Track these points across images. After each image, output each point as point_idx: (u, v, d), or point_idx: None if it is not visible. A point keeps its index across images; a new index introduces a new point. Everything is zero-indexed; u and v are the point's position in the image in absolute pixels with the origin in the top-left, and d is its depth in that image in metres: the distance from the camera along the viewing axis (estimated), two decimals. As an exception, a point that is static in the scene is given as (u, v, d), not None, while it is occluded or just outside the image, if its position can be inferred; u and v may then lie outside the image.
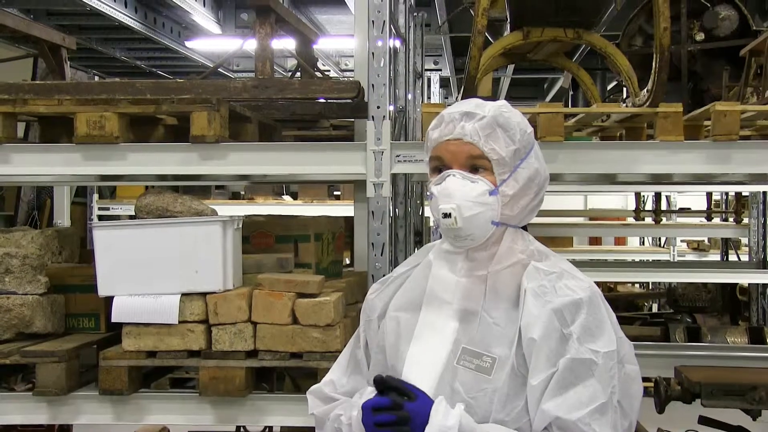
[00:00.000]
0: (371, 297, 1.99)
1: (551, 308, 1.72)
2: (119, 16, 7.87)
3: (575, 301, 1.72)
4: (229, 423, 2.95)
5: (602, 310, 1.75)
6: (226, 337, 2.77)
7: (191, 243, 2.81)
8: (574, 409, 1.66)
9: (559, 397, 1.67)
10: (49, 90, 3.07)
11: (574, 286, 1.75)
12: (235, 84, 3.07)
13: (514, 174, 1.80)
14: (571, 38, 3.20)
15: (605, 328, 1.73)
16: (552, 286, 1.75)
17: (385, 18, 2.94)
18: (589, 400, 1.67)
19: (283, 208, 8.24)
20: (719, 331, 6.44)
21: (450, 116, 1.83)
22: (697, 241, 10.03)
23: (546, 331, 1.70)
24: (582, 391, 1.67)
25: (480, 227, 1.78)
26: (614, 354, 1.71)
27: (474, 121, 1.79)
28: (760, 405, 3.10)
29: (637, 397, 1.77)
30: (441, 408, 1.69)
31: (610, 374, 1.69)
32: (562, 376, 1.68)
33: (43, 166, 3.05)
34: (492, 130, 1.78)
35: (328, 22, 9.48)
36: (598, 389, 1.68)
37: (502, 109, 1.82)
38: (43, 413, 2.88)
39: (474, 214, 1.77)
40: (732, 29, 4.20)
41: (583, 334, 1.70)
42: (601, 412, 1.67)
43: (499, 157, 1.78)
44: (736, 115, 2.89)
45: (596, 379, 1.68)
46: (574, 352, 1.69)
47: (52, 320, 3.00)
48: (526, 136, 1.82)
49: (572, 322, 1.71)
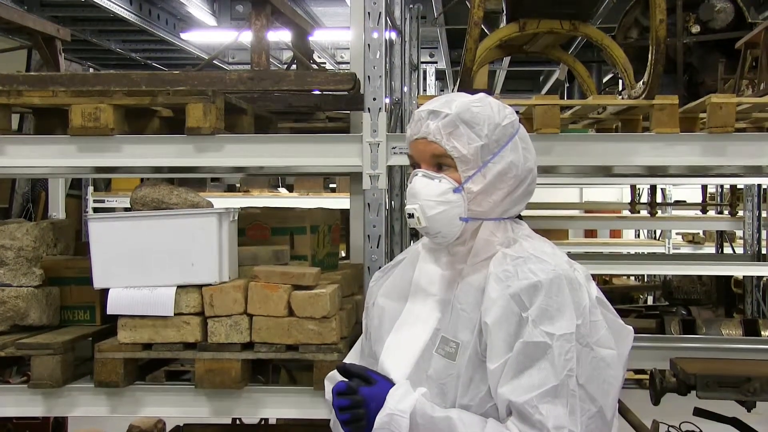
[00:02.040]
0: (372, 284, 2.03)
1: (509, 293, 1.73)
2: (114, 8, 7.85)
3: (533, 284, 1.72)
4: (225, 415, 2.95)
5: (564, 292, 1.73)
6: (222, 330, 2.77)
7: (187, 235, 2.80)
8: (524, 392, 1.66)
9: (512, 381, 1.68)
10: (43, 81, 3.06)
11: (536, 270, 1.75)
12: (230, 76, 3.07)
13: (483, 170, 1.79)
14: (567, 30, 3.19)
15: (564, 310, 1.72)
16: (515, 271, 1.75)
17: (381, 10, 2.94)
18: (540, 383, 1.67)
19: (279, 201, 8.24)
20: (714, 324, 6.44)
21: (418, 114, 1.83)
22: (692, 234, 10.06)
23: (502, 316, 1.71)
24: (534, 374, 1.67)
25: (446, 225, 1.79)
26: (571, 336, 1.69)
27: (438, 120, 1.79)
28: (754, 396, 3.11)
29: (612, 382, 1.75)
30: (398, 392, 1.72)
31: (567, 357, 1.68)
32: (516, 359, 1.69)
33: (38, 158, 3.03)
34: (454, 128, 1.78)
35: (323, 14, 9.46)
36: (550, 372, 1.67)
37: (471, 105, 1.80)
38: (39, 406, 2.87)
39: (437, 212, 1.78)
40: (727, 22, 4.19)
41: (539, 316, 1.70)
42: (552, 394, 1.66)
43: (461, 155, 1.77)
44: (731, 108, 2.89)
45: (548, 361, 1.68)
46: (528, 335, 1.69)
47: (47, 312, 3.00)
48: (498, 130, 1.80)
49: (530, 305, 1.71)
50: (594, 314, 1.76)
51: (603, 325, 1.77)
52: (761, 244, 7.74)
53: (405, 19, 4.99)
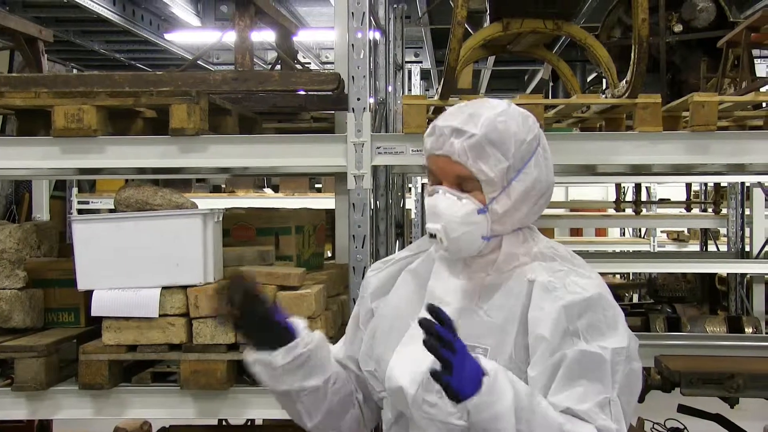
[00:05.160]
0: (369, 274, 1.98)
1: (561, 305, 1.69)
2: (97, 8, 7.80)
3: (585, 299, 1.70)
4: (211, 416, 2.95)
5: (613, 307, 1.73)
6: (207, 331, 2.76)
7: (171, 236, 2.79)
8: (582, 401, 1.64)
9: (566, 391, 1.66)
10: (26, 83, 3.04)
11: (582, 284, 1.73)
12: (214, 76, 3.06)
13: (507, 190, 1.74)
14: (551, 29, 3.20)
15: (617, 325, 1.71)
16: (562, 283, 1.72)
17: (365, 10, 2.94)
18: (595, 394, 1.65)
19: (265, 201, 8.22)
20: (699, 321, 6.48)
21: (441, 129, 1.75)
22: (677, 232, 10.10)
23: (554, 327, 1.69)
24: (588, 385, 1.65)
25: (469, 243, 1.75)
26: (623, 351, 1.69)
27: (463, 139, 1.72)
28: (738, 393, 3.14)
29: (636, 393, 1.76)
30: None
31: (614, 370, 1.67)
32: (571, 367, 1.66)
33: (21, 159, 3.02)
34: (481, 150, 1.71)
35: (308, 14, 9.45)
36: (603, 384, 1.66)
37: (496, 122, 1.73)
38: (22, 409, 2.86)
39: (460, 234, 1.73)
40: (709, 21, 4.22)
41: (589, 331, 1.68)
42: (605, 405, 1.65)
43: (488, 178, 1.72)
44: (713, 106, 2.91)
45: (603, 372, 1.66)
46: (582, 346, 1.67)
47: (30, 315, 2.98)
48: (523, 147, 1.75)
49: (579, 319, 1.69)
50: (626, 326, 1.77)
51: (634, 337, 1.77)
52: (744, 242, 7.79)
53: (389, 18, 5.00)
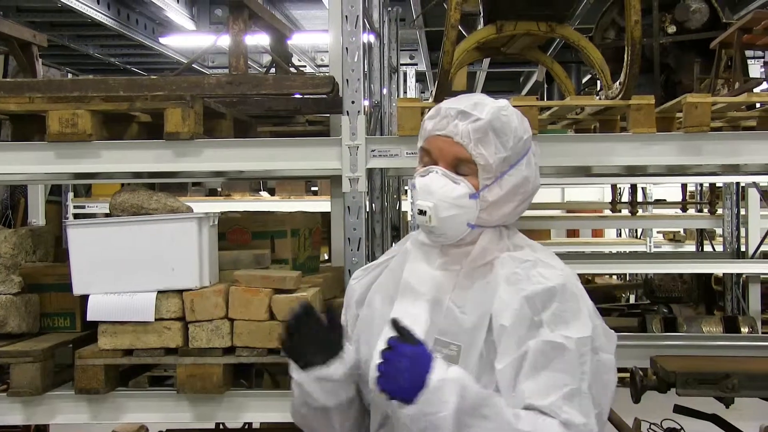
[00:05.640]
0: (353, 282, 2.01)
1: (523, 296, 1.72)
2: (91, 13, 7.80)
3: (548, 289, 1.73)
4: (207, 420, 2.95)
5: (576, 298, 1.75)
6: (203, 334, 2.76)
7: (166, 240, 2.80)
8: (545, 393, 1.66)
9: (530, 381, 1.67)
10: (20, 87, 3.05)
11: (547, 274, 1.75)
12: (209, 80, 3.07)
13: (500, 180, 1.78)
14: (544, 32, 3.21)
15: (580, 315, 1.73)
16: (525, 274, 1.75)
17: (359, 13, 2.94)
18: (559, 384, 1.66)
19: (261, 204, 8.23)
20: (695, 321, 6.50)
21: (446, 111, 1.79)
22: (673, 232, 10.11)
23: (517, 319, 1.71)
24: (552, 375, 1.67)
25: (454, 228, 1.78)
26: (588, 340, 1.71)
27: (468, 122, 1.76)
28: (733, 393, 3.14)
29: (610, 386, 1.77)
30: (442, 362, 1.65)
31: (581, 360, 1.69)
32: (534, 358, 1.68)
33: (15, 164, 3.02)
34: (484, 135, 1.75)
35: (303, 18, 9.46)
36: (568, 374, 1.68)
37: (501, 112, 1.78)
38: (18, 414, 2.86)
39: (450, 215, 1.76)
40: (703, 22, 4.23)
41: (554, 321, 1.71)
42: (570, 396, 1.67)
43: (486, 163, 1.76)
44: (706, 107, 2.92)
45: (566, 363, 1.68)
46: (545, 336, 1.69)
47: (26, 320, 2.97)
48: (521, 143, 1.80)
49: (543, 309, 1.71)
50: (596, 318, 1.79)
51: (601, 330, 1.79)
52: (740, 242, 7.80)
53: (383, 21, 5.01)
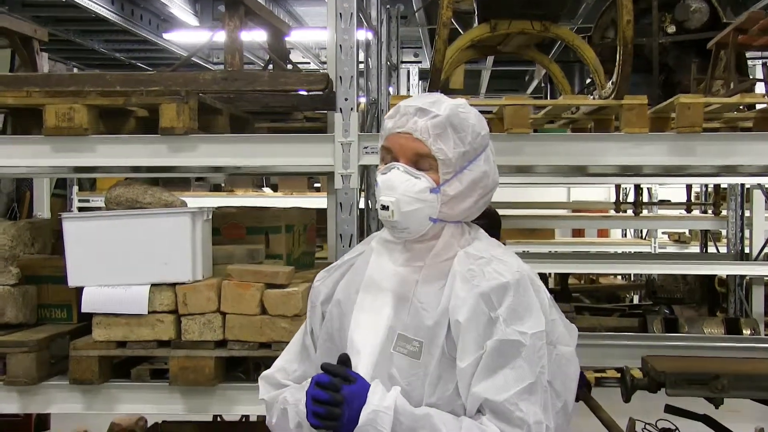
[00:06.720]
0: (317, 284, 2.02)
1: (478, 292, 1.75)
2: (95, 8, 7.85)
3: (502, 284, 1.75)
4: (199, 412, 2.98)
5: (530, 293, 1.77)
6: (195, 327, 2.79)
7: (160, 234, 2.83)
8: (502, 390, 1.69)
9: (487, 380, 1.70)
10: (18, 82, 3.08)
11: (501, 270, 1.78)
12: (204, 76, 3.09)
13: (459, 175, 1.82)
14: (539, 31, 3.23)
15: (533, 309, 1.76)
16: (480, 270, 1.78)
17: (353, 10, 2.96)
18: (517, 381, 1.69)
19: (263, 200, 8.24)
20: (696, 322, 6.49)
21: (405, 109, 1.84)
22: (678, 233, 10.08)
23: (472, 315, 1.73)
24: (509, 372, 1.70)
25: (416, 222, 1.81)
26: (542, 334, 1.74)
27: (427, 119, 1.80)
28: (722, 393, 3.15)
29: (573, 378, 1.80)
30: (378, 390, 1.73)
31: (538, 354, 1.72)
32: (491, 358, 1.71)
33: (12, 158, 3.06)
34: (443, 130, 1.80)
35: (306, 14, 9.50)
36: (526, 370, 1.70)
37: (458, 109, 1.82)
38: (14, 402, 2.90)
39: (412, 209, 1.80)
40: (703, 22, 4.23)
41: (509, 316, 1.73)
42: (529, 392, 1.70)
43: (446, 157, 1.79)
44: (699, 108, 2.93)
45: (523, 359, 1.71)
46: (501, 334, 1.72)
47: (23, 311, 3.01)
48: (478, 139, 1.83)
49: (499, 305, 1.74)
50: (552, 313, 1.81)
51: (560, 323, 1.82)
52: (744, 243, 7.78)
53: (382, 19, 5.02)
